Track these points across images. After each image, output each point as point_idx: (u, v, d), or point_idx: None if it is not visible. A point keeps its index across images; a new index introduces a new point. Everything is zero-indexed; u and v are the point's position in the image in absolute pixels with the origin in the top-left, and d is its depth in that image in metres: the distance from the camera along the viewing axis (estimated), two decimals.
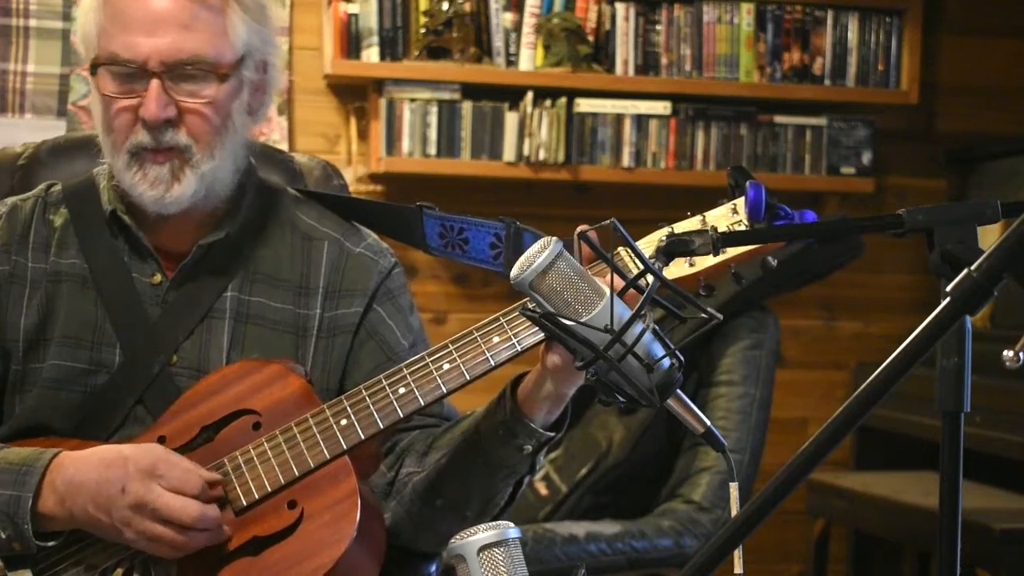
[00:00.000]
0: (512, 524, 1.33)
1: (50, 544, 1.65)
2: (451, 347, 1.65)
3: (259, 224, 1.84)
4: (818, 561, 4.01)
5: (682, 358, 1.37)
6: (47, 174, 2.02)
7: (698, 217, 1.65)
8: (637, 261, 1.59)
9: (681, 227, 1.63)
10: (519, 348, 1.64)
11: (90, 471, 1.62)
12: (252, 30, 1.76)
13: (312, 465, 1.66)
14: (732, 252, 1.61)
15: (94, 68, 1.73)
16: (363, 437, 1.66)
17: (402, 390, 1.66)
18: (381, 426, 1.66)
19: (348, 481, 1.65)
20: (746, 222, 1.60)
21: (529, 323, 1.61)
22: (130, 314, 1.77)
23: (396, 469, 1.82)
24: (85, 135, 2.17)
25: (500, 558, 1.30)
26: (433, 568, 1.98)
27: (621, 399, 1.36)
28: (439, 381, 1.65)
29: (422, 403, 1.65)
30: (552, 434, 1.67)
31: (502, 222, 1.81)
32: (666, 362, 1.35)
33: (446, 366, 1.65)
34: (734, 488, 1.37)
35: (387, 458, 1.83)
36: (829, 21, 4.07)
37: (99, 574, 1.67)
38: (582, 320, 1.34)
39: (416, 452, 1.80)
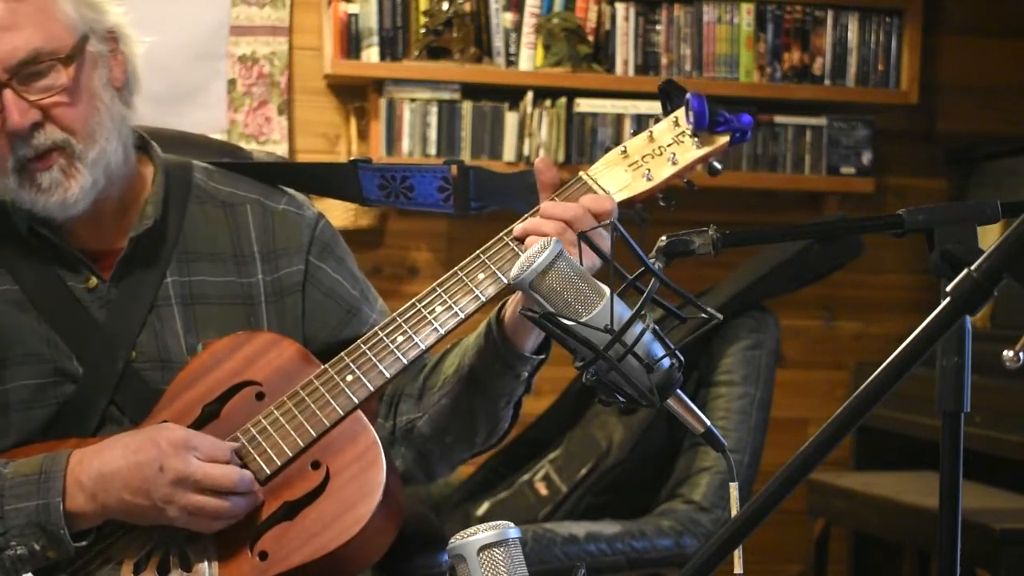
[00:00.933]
0: (512, 524, 1.33)
1: (84, 543, 1.65)
2: (439, 289, 1.68)
3: (178, 203, 1.82)
4: (818, 561, 4.01)
5: (682, 358, 1.37)
6: None
7: (645, 133, 1.74)
8: (598, 186, 1.69)
9: (632, 145, 1.72)
10: (505, 280, 1.67)
11: (118, 459, 1.62)
12: (77, 4, 1.72)
13: (328, 424, 1.67)
14: (684, 162, 1.69)
15: None
16: (372, 389, 1.68)
17: (400, 338, 1.68)
18: (388, 376, 1.68)
19: (366, 434, 1.67)
20: (690, 131, 1.69)
21: (511, 256, 1.66)
22: (77, 324, 1.75)
23: (393, 417, 1.84)
24: None
25: (500, 558, 1.30)
26: (447, 556, 2.00)
27: (621, 399, 1.36)
28: (435, 324, 1.68)
29: (423, 348, 1.68)
30: (543, 356, 1.73)
31: (447, 164, 1.83)
32: (666, 362, 1.35)
33: (438, 308, 1.68)
34: (734, 488, 1.37)
35: (379, 408, 1.85)
36: (829, 21, 4.07)
37: (134, 567, 1.66)
38: (582, 320, 1.34)
39: (410, 396, 1.83)
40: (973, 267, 1.09)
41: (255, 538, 1.65)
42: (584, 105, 3.90)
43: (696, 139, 1.69)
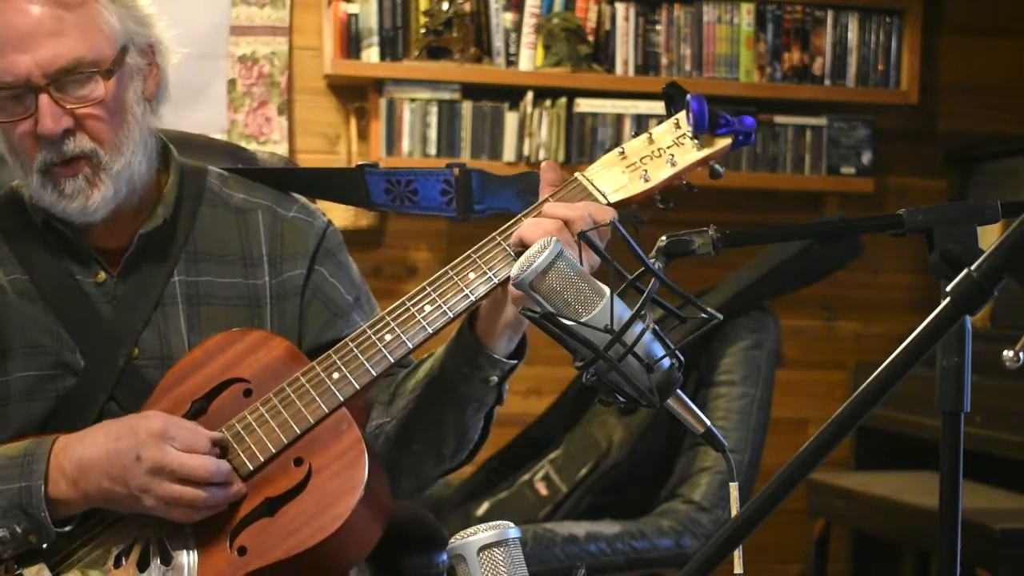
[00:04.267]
0: (512, 524, 1.33)
1: (66, 529, 1.66)
2: (429, 289, 1.68)
3: (190, 205, 1.84)
4: (818, 561, 4.01)
5: (682, 358, 1.37)
6: None
7: (644, 135, 1.71)
8: (593, 187, 1.68)
9: (630, 146, 1.70)
10: (496, 280, 1.66)
11: (98, 447, 1.63)
12: (124, 16, 1.74)
13: (312, 421, 1.67)
14: (683, 164, 1.68)
15: None
16: (358, 387, 1.67)
17: (388, 336, 1.67)
18: (374, 374, 1.67)
19: (351, 431, 1.67)
20: (691, 134, 1.67)
21: (502, 255, 1.66)
22: (83, 317, 1.77)
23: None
24: None
25: (500, 558, 1.30)
26: (444, 558, 2.00)
27: (621, 399, 1.36)
28: (423, 323, 1.67)
29: (410, 346, 1.67)
30: (515, 362, 1.71)
31: (450, 168, 1.83)
32: (666, 362, 1.35)
33: (427, 308, 1.67)
34: (734, 488, 1.37)
35: None
36: (829, 21, 4.07)
37: (114, 559, 1.67)
38: (582, 320, 1.34)
39: (381, 402, 1.83)
40: (973, 267, 1.09)
41: (235, 533, 1.65)
42: (584, 105, 3.90)
43: (696, 141, 1.68)
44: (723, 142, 1.68)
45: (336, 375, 1.68)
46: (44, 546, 1.66)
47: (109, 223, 1.77)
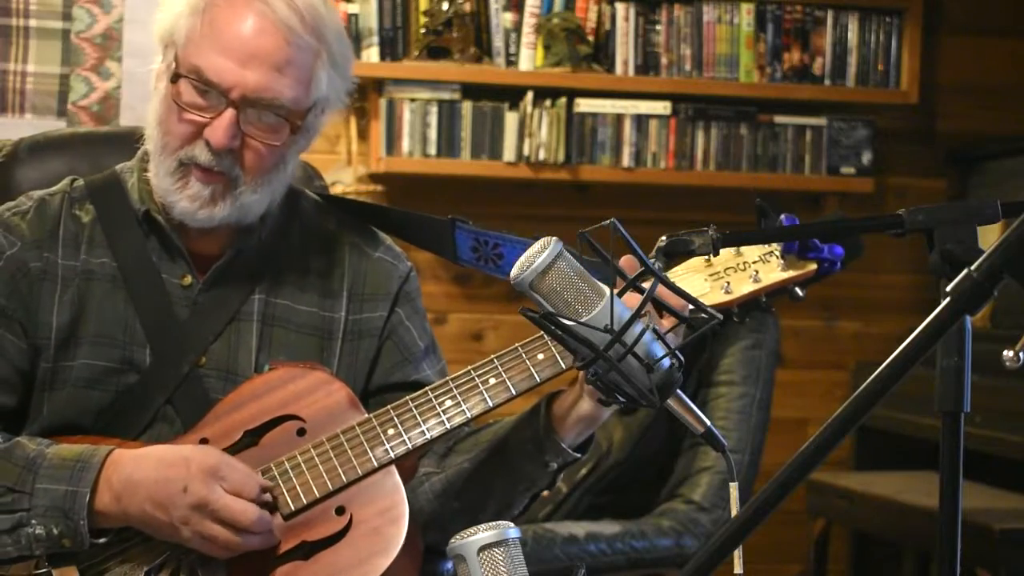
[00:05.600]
0: (512, 524, 1.33)
1: (101, 541, 1.66)
2: (496, 363, 1.68)
3: (286, 228, 1.85)
4: (818, 561, 4.01)
5: (682, 358, 1.37)
6: (25, 171, 2.02)
7: (733, 248, 1.69)
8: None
9: (718, 257, 1.67)
10: (563, 367, 1.66)
11: (149, 470, 1.63)
12: (333, 81, 1.77)
13: (360, 473, 1.68)
14: (766, 283, 1.68)
15: (176, 77, 1.71)
16: (411, 447, 1.68)
17: (448, 403, 1.68)
18: (428, 437, 1.68)
19: (396, 490, 1.68)
20: (779, 253, 1.68)
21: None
22: (160, 315, 1.77)
23: None
24: (63, 133, 2.17)
25: (500, 558, 1.30)
26: (449, 565, 1.99)
27: (621, 399, 1.36)
28: (485, 395, 1.67)
29: (468, 416, 1.68)
30: (579, 455, 1.71)
31: (536, 238, 1.82)
32: (666, 362, 1.35)
33: (492, 380, 1.67)
34: (734, 488, 1.37)
35: None
36: (829, 21, 4.07)
37: (144, 573, 1.67)
38: (582, 320, 1.34)
39: (436, 453, 1.82)
40: (973, 267, 1.09)
41: (268, 570, 1.66)
42: (584, 105, 3.90)
43: (783, 262, 1.67)
44: (809, 267, 1.67)
45: (391, 431, 1.68)
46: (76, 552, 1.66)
47: (208, 230, 1.77)
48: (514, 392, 1.67)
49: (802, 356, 4.27)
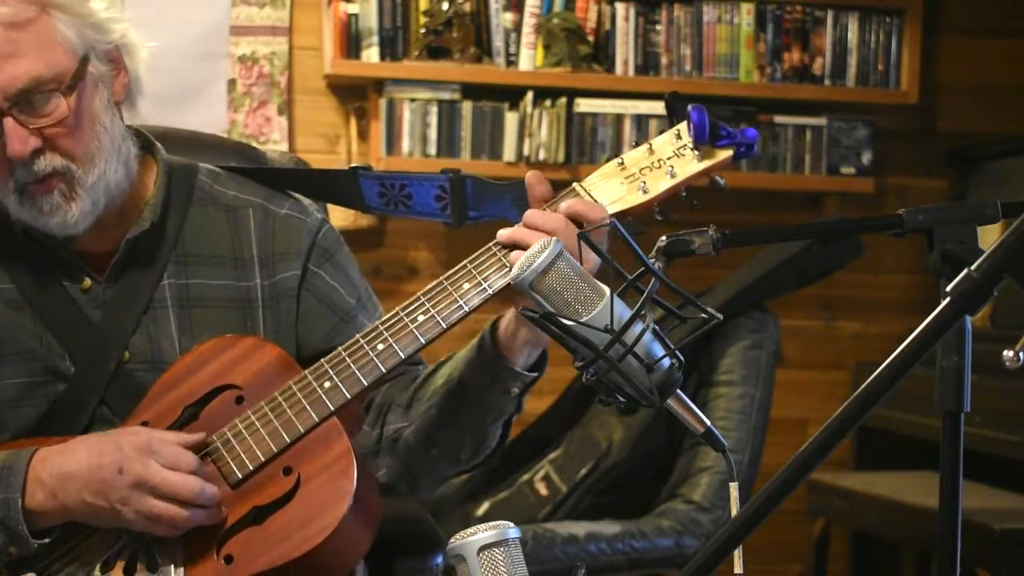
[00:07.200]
0: (512, 524, 1.33)
1: (46, 540, 1.65)
2: (423, 298, 1.67)
3: (179, 206, 1.82)
4: (818, 561, 4.01)
5: (682, 358, 1.37)
6: None
7: (644, 146, 1.69)
8: (591, 197, 1.66)
9: (629, 157, 1.68)
10: (490, 291, 1.65)
11: (81, 459, 1.62)
12: (80, 26, 1.70)
13: (302, 430, 1.66)
14: (682, 176, 1.66)
15: None
16: (349, 396, 1.67)
17: (381, 346, 1.67)
18: (365, 383, 1.67)
19: (340, 441, 1.66)
20: (691, 145, 1.65)
21: (497, 266, 1.65)
22: (70, 324, 1.76)
23: (380, 426, 1.83)
24: None
25: (500, 558, 1.30)
26: (440, 559, 1.99)
27: (621, 399, 1.36)
28: (416, 333, 1.66)
29: (402, 356, 1.67)
30: (535, 374, 1.71)
31: (445, 173, 1.82)
32: (666, 362, 1.35)
33: (421, 317, 1.66)
34: (734, 488, 1.37)
35: (367, 416, 1.84)
36: (829, 21, 4.07)
37: (101, 565, 1.67)
38: (582, 320, 1.34)
39: (399, 406, 1.82)
40: (973, 267, 1.09)
41: (222, 541, 1.65)
42: (584, 105, 3.90)
43: (697, 153, 1.65)
44: (724, 154, 1.65)
45: (327, 384, 1.67)
46: (28, 555, 1.65)
47: (94, 230, 1.74)
48: (444, 325, 1.66)
49: (802, 356, 4.27)
